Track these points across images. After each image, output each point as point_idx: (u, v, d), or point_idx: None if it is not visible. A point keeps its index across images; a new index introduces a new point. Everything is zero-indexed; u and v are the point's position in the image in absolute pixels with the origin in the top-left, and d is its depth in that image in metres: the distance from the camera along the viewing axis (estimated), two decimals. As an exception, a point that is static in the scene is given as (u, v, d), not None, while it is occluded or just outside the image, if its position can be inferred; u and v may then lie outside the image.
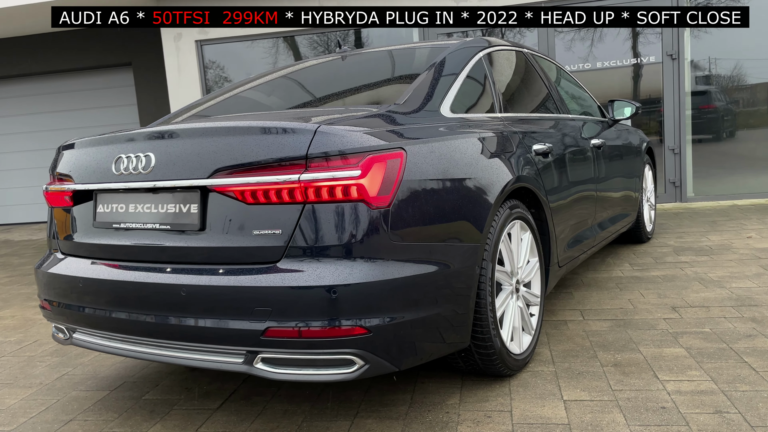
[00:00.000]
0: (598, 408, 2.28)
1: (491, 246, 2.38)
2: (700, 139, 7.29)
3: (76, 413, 2.56)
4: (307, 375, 1.97)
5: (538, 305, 2.84)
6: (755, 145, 7.43)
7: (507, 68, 3.33)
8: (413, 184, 2.07)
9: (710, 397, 2.30)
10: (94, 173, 2.30)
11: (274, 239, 1.96)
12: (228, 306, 1.96)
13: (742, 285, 3.72)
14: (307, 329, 1.90)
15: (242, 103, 3.01)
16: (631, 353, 2.77)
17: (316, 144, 1.93)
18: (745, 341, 2.82)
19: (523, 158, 2.72)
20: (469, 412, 2.33)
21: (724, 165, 7.48)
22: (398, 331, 2.00)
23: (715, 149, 7.57)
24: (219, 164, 2.02)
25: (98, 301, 2.24)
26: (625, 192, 4.38)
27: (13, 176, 10.21)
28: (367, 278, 1.92)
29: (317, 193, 1.92)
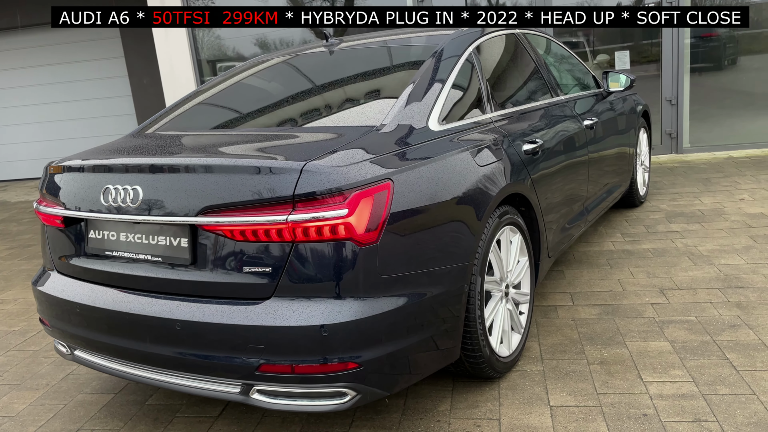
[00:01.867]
0: (583, 415, 2.38)
1: (480, 260, 2.42)
2: (700, 70, 7.15)
3: (83, 421, 2.67)
4: (301, 406, 2.05)
5: (528, 302, 2.90)
6: (756, 75, 7.28)
7: (497, 58, 3.27)
8: (401, 215, 2.08)
9: (690, 402, 2.39)
10: (83, 201, 2.31)
11: (264, 277, 2.00)
12: (222, 342, 2.02)
13: (730, 261, 3.78)
14: (300, 366, 1.96)
15: (224, 109, 2.98)
16: (617, 348, 2.86)
17: (303, 184, 1.94)
18: (728, 333, 2.90)
19: (512, 163, 2.72)
20: (460, 420, 2.43)
21: (723, 104, 7.38)
22: (389, 361, 2.07)
23: (715, 83, 7.45)
24: (207, 202, 2.02)
25: (95, 327, 2.29)
26: (618, 164, 4.38)
27: (5, 132, 10.12)
28: (357, 315, 1.97)
29: (305, 232, 1.94)
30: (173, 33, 7.56)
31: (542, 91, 3.49)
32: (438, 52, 2.78)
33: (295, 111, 2.76)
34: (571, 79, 4.20)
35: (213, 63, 8.20)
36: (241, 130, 2.67)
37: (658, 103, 7.13)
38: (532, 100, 3.34)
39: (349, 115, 2.56)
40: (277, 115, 2.79)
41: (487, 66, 3.06)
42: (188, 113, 2.95)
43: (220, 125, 2.81)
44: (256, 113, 2.85)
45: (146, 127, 2.95)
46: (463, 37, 3.02)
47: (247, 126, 2.76)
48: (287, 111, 2.78)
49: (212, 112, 2.97)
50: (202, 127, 2.81)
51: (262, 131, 2.56)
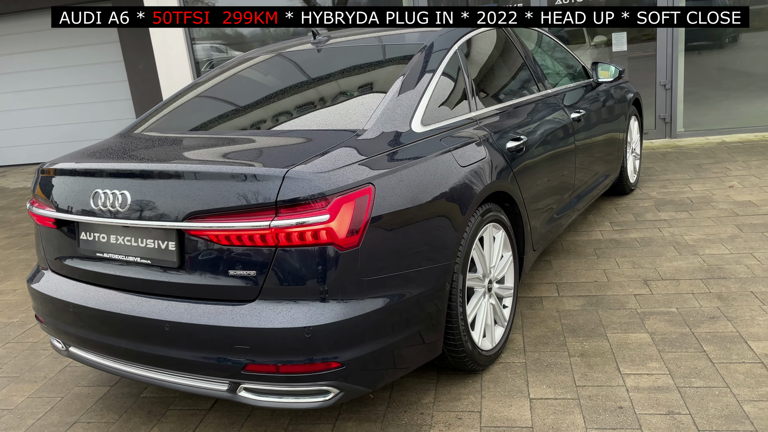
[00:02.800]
0: (561, 408, 2.46)
1: (462, 259, 2.48)
2: (700, 48, 7.12)
3: (79, 414, 2.76)
4: (287, 403, 2.13)
5: (512, 296, 2.97)
6: (756, 54, 7.27)
7: (484, 54, 3.31)
8: (382, 218, 2.14)
9: (665, 395, 2.47)
10: (74, 204, 2.37)
11: (249, 280, 2.06)
12: (209, 343, 2.09)
13: (715, 251, 3.85)
14: (284, 365, 2.04)
15: (211, 108, 3.02)
16: (598, 340, 2.93)
17: (285, 190, 2.00)
18: (707, 324, 2.98)
19: (496, 161, 2.77)
20: (442, 413, 2.51)
21: (721, 85, 7.38)
22: (371, 359, 2.14)
23: (714, 62, 7.44)
24: (193, 208, 2.08)
25: (88, 326, 2.37)
26: (608, 153, 4.42)
27: (4, 117, 10.13)
28: (339, 317, 2.04)
29: (288, 237, 2.00)
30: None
31: (529, 85, 3.53)
32: (422, 51, 2.82)
33: (279, 113, 2.80)
34: (561, 72, 4.22)
35: (207, 46, 8.20)
36: (227, 132, 2.72)
37: (653, 86, 7.14)
38: (518, 95, 3.38)
39: (332, 118, 2.60)
40: (261, 116, 2.83)
41: (472, 63, 3.10)
42: (176, 113, 2.99)
43: (207, 127, 2.85)
44: (242, 114, 2.89)
45: (136, 125, 2.99)
46: (448, 34, 3.05)
47: (233, 128, 2.80)
48: (271, 113, 2.83)
49: (199, 112, 3.01)
50: (188, 129, 2.85)
51: (247, 134, 2.61)
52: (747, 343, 2.79)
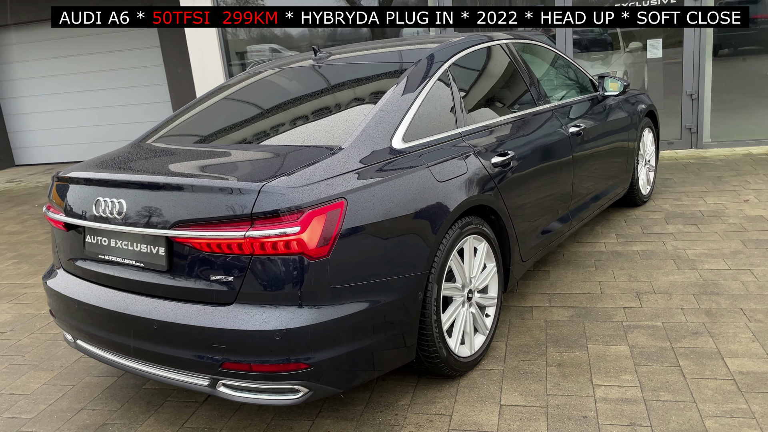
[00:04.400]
0: (528, 415, 2.57)
1: (437, 269, 2.61)
2: (728, 55, 6.98)
3: (86, 401, 2.99)
4: (261, 399, 2.31)
5: (495, 306, 3.08)
6: None
7: (477, 71, 3.42)
8: (354, 231, 2.30)
9: (631, 407, 2.55)
10: (80, 210, 2.59)
11: (227, 285, 2.25)
12: (191, 341, 2.29)
13: (714, 267, 3.86)
14: (256, 365, 2.21)
15: (212, 121, 3.22)
16: (578, 351, 3.02)
17: (260, 203, 2.17)
18: (688, 340, 3.03)
19: (479, 176, 2.88)
20: (415, 414, 2.65)
21: (760, 93, 7.20)
22: (339, 362, 2.30)
23: (742, 69, 7.28)
24: (178, 217, 2.28)
25: (91, 321, 2.59)
26: (612, 167, 4.47)
27: (41, 119, 10.67)
28: (308, 322, 2.20)
29: (262, 247, 2.18)
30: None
31: (524, 101, 3.62)
32: (411, 69, 2.96)
33: (270, 128, 2.98)
34: (565, 87, 4.29)
35: (242, 54, 8.49)
36: (219, 146, 2.90)
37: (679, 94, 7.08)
38: (511, 111, 3.47)
39: (317, 134, 2.77)
40: (254, 131, 3.01)
41: (464, 80, 3.22)
42: (182, 124, 3.21)
43: (205, 139, 3.05)
44: (237, 128, 3.08)
45: (148, 135, 3.22)
46: (442, 51, 3.18)
47: (227, 141, 2.99)
48: (263, 127, 3.01)
49: (202, 124, 3.21)
50: (188, 141, 3.05)
51: (237, 148, 2.80)
52: (724, 359, 2.84)
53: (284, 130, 2.91)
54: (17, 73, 10.55)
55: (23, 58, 10.44)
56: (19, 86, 10.64)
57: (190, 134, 3.11)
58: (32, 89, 10.58)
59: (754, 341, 2.97)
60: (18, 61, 10.49)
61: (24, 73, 10.52)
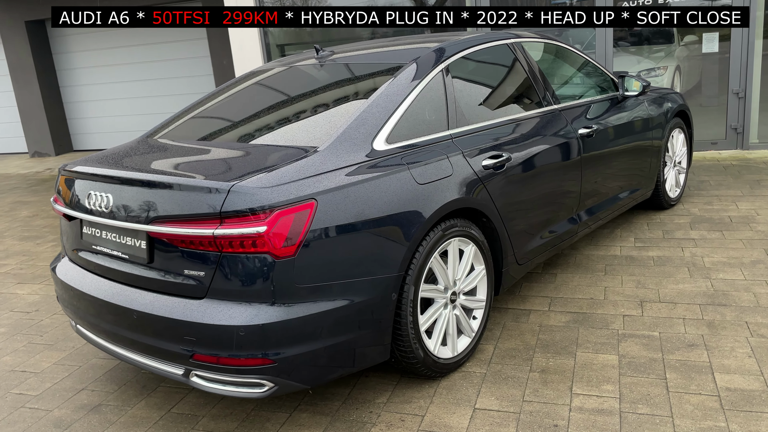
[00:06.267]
0: (499, 420, 2.56)
1: (415, 271, 2.62)
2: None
3: (88, 382, 3.16)
4: (229, 391, 2.39)
5: (483, 309, 3.07)
6: None
7: (477, 72, 3.39)
8: (323, 231, 2.34)
9: (604, 419, 2.51)
10: (77, 202, 2.74)
11: (199, 280, 2.33)
12: (165, 332, 2.39)
13: (729, 276, 3.72)
14: (222, 358, 2.29)
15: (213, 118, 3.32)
16: (565, 358, 2.98)
17: (229, 202, 2.24)
18: (682, 352, 2.94)
19: (464, 179, 2.87)
20: (389, 413, 2.69)
21: None
22: (305, 358, 2.35)
23: None
24: (155, 213, 2.38)
25: (85, 309, 2.74)
26: (632, 169, 4.35)
27: (96, 106, 11.15)
28: (272, 319, 2.26)
29: (230, 244, 2.25)
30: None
31: (527, 102, 3.56)
32: (402, 70, 2.96)
33: (259, 127, 3.05)
34: (580, 87, 4.19)
35: (282, 47, 8.63)
36: (207, 144, 2.97)
37: (723, 98, 6.79)
38: (510, 113, 3.41)
39: (298, 134, 2.81)
40: (243, 130, 3.08)
41: (461, 81, 3.20)
42: (187, 122, 3.31)
43: (198, 137, 3.10)
44: (229, 127, 3.16)
45: (155, 131, 3.34)
46: (438, 51, 3.17)
47: (215, 139, 3.04)
48: (253, 126, 3.08)
49: (201, 122, 3.30)
50: (184, 138, 3.13)
51: (222, 146, 2.87)
52: (714, 374, 2.75)
53: (271, 130, 2.97)
54: (76, 62, 11.04)
55: (81, 48, 10.92)
56: (77, 75, 11.13)
57: (189, 131, 3.21)
58: (89, 78, 11.05)
59: (751, 357, 2.86)
60: (76, 51, 10.98)
61: (82, 62, 11.00)
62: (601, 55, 6.90)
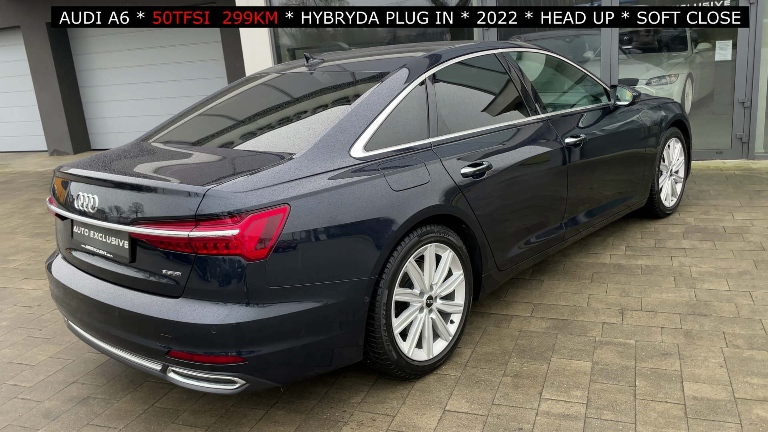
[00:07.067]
0: (466, 422, 2.63)
1: (389, 275, 2.70)
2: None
3: (79, 376, 3.29)
4: (203, 387, 2.49)
5: (461, 313, 3.14)
6: None
7: (462, 81, 3.45)
8: (295, 235, 2.43)
9: (569, 423, 2.57)
10: (68, 203, 2.86)
11: (176, 279, 2.44)
12: (144, 329, 2.50)
13: (714, 286, 3.74)
14: (196, 355, 2.39)
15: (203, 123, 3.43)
16: (540, 363, 3.04)
17: (204, 206, 2.34)
18: (655, 360, 2.98)
19: (444, 186, 2.94)
20: (362, 413, 2.77)
21: None
22: (276, 357, 2.44)
23: None
24: (136, 215, 2.49)
25: (75, 306, 2.86)
26: (624, 178, 4.38)
27: (114, 107, 11.38)
28: (244, 319, 2.36)
29: (205, 246, 2.35)
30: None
31: (512, 112, 3.61)
32: (386, 78, 3.04)
33: (243, 133, 3.14)
34: (570, 97, 4.24)
35: (293, 51, 8.76)
36: (191, 149, 3.07)
37: (729, 108, 6.76)
38: (494, 122, 3.46)
39: (278, 141, 2.90)
40: (227, 136, 3.18)
41: (445, 90, 3.27)
42: (179, 126, 3.42)
43: (185, 142, 3.20)
44: (216, 133, 3.26)
45: (151, 135, 3.46)
46: (424, 60, 3.24)
47: (201, 144, 3.14)
48: (237, 133, 3.17)
49: (192, 127, 3.41)
50: (173, 143, 3.24)
51: (204, 151, 2.98)
52: (683, 383, 2.79)
53: (254, 136, 3.07)
54: (96, 63, 11.30)
55: (101, 50, 11.17)
56: (97, 76, 11.39)
57: (179, 135, 3.32)
58: (108, 79, 11.30)
59: (722, 367, 2.89)
60: (96, 52, 11.23)
61: (101, 63, 11.25)
62: (606, 63, 6.91)
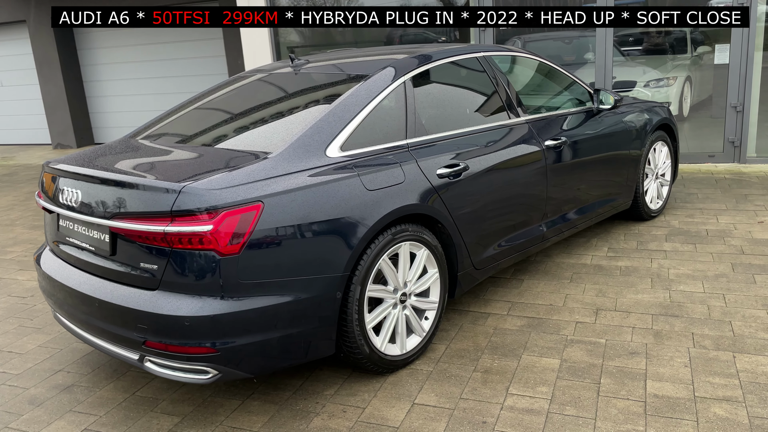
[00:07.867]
0: (433, 415, 2.72)
1: (362, 272, 2.79)
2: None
3: (66, 364, 3.39)
4: (178, 376, 2.59)
5: (435, 310, 3.22)
6: None
7: (441, 85, 3.54)
8: (268, 232, 2.52)
9: (531, 418, 2.65)
10: (54, 197, 2.96)
11: (153, 272, 2.53)
12: (122, 319, 2.60)
13: (689, 288, 3.81)
14: (170, 346, 2.49)
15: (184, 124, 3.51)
16: (510, 360, 3.12)
17: (180, 202, 2.44)
18: (622, 359, 3.06)
19: (417, 186, 3.03)
20: (334, 404, 2.86)
21: None
22: (248, 349, 2.54)
23: None
24: (115, 209, 2.59)
25: (60, 297, 2.96)
26: (607, 180, 4.45)
27: (117, 101, 11.51)
28: (216, 311, 2.45)
29: (180, 241, 2.44)
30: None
31: (492, 114, 3.69)
32: (365, 80, 3.13)
33: (224, 132, 3.24)
34: (553, 100, 4.31)
35: (292, 49, 8.84)
36: (172, 146, 3.16)
37: (721, 111, 6.81)
38: (472, 124, 3.54)
39: (256, 140, 2.99)
40: (208, 134, 3.27)
41: (424, 93, 3.35)
42: (165, 124, 3.52)
43: (169, 139, 3.30)
44: (197, 131, 3.35)
45: (138, 132, 3.56)
46: (405, 62, 3.33)
47: (182, 142, 3.24)
48: (218, 131, 3.27)
49: (177, 125, 3.51)
50: (156, 139, 3.33)
51: (184, 149, 3.08)
52: (646, 381, 2.86)
53: (235, 135, 3.16)
54: (100, 58, 11.43)
55: (105, 45, 11.30)
56: (101, 70, 11.52)
57: (163, 133, 3.42)
58: (112, 73, 11.43)
59: (686, 367, 2.96)
60: (100, 47, 11.36)
61: (105, 58, 11.38)
62: (600, 66, 6.97)
